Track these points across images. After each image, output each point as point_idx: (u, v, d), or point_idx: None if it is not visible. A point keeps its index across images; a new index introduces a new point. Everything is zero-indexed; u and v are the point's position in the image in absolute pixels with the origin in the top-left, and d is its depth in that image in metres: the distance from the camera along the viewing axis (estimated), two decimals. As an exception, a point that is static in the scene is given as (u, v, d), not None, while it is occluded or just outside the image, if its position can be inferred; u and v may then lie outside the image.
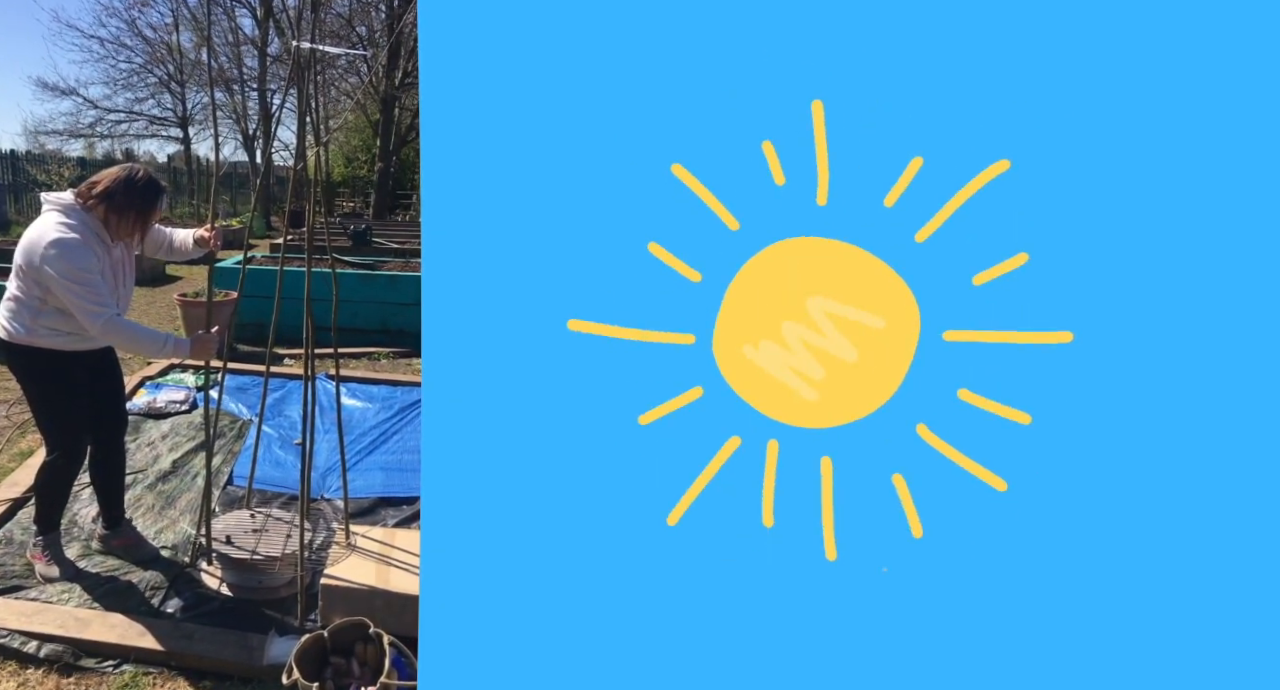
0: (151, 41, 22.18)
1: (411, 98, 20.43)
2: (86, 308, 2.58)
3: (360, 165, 26.67)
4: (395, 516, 3.59)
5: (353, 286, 6.97)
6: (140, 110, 23.86)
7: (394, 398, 5.03)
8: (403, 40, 18.01)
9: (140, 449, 4.15)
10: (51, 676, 2.48)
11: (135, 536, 3.18)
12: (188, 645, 2.58)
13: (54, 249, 2.54)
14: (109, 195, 2.67)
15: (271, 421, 4.53)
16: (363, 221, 14.63)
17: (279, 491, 3.75)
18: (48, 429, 2.87)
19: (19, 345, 2.72)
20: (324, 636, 2.35)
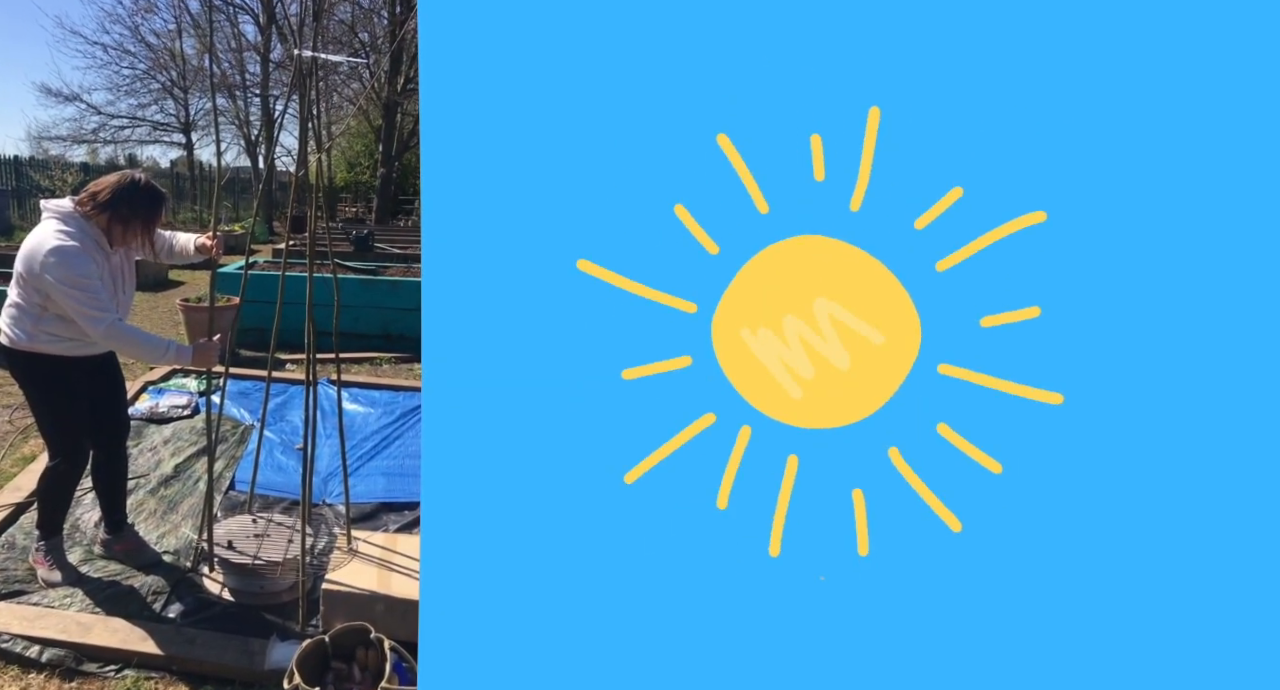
0: (155, 48, 22.24)
1: (413, 103, 20.45)
2: (87, 313, 2.59)
3: (363, 171, 26.70)
4: (397, 521, 3.60)
5: (354, 292, 6.98)
6: (143, 116, 23.92)
7: (395, 403, 5.03)
8: (405, 46, 18.03)
9: (142, 454, 4.16)
10: (53, 681, 2.49)
11: (137, 541, 3.19)
12: (189, 650, 2.59)
13: (53, 257, 2.56)
14: (111, 204, 2.68)
15: (273, 426, 4.53)
16: (365, 227, 14.65)
17: (281, 496, 3.76)
18: (49, 434, 2.88)
19: (21, 351, 2.73)
20: (325, 641, 2.36)
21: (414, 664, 2.25)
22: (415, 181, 28.95)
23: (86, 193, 2.73)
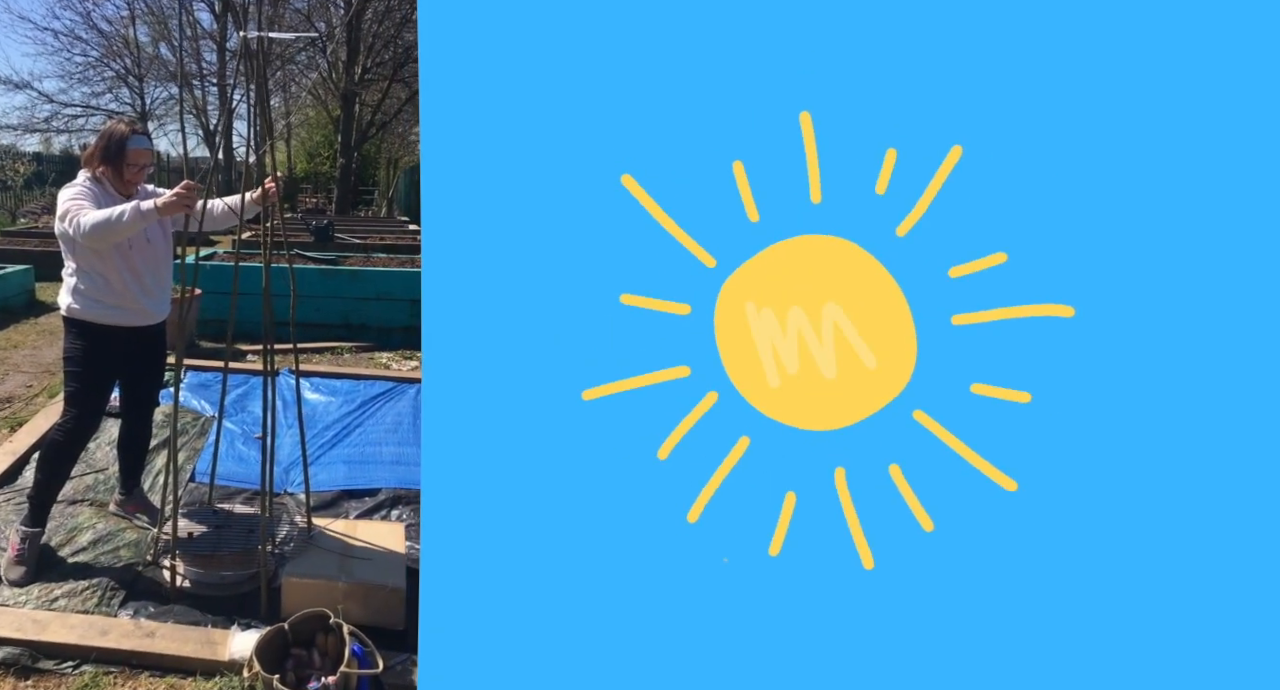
0: (108, 35, 21.75)
1: (371, 93, 20.25)
2: (78, 221, 2.64)
3: (322, 161, 26.42)
4: (357, 508, 3.59)
5: (315, 282, 6.92)
6: (97, 105, 23.38)
7: (356, 392, 5.01)
8: (361, 36, 17.84)
9: (100, 447, 4.11)
10: (8, 680, 2.46)
11: (146, 503, 3.41)
12: (149, 643, 2.56)
13: (58, 198, 2.78)
14: (102, 153, 2.84)
15: (234, 417, 4.49)
16: (325, 217, 14.51)
17: (242, 487, 3.73)
18: (71, 387, 2.95)
19: (72, 320, 2.90)
20: (285, 628, 2.35)
21: (373, 647, 2.26)
22: (374, 172, 28.71)
23: (85, 155, 2.93)
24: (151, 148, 2.95)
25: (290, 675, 2.24)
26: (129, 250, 2.85)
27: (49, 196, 16.97)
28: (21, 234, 11.72)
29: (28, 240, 10.74)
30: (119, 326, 2.91)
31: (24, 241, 10.59)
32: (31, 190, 18.96)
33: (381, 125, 21.38)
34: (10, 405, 4.85)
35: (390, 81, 19.52)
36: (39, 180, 19.72)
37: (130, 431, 3.33)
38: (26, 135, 23.04)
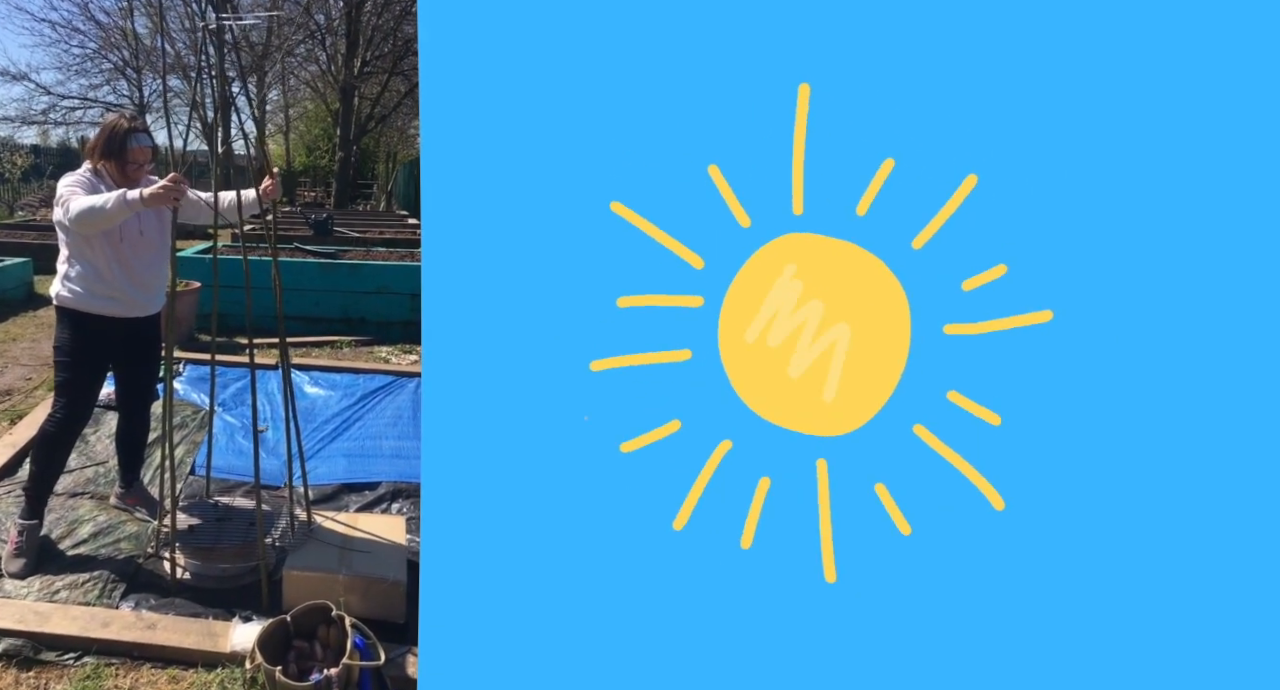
0: (105, 26, 21.68)
1: (370, 86, 20.23)
2: (68, 204, 2.68)
3: (321, 154, 26.38)
4: (358, 502, 3.60)
5: (314, 275, 6.93)
6: (95, 97, 23.31)
7: (356, 385, 5.01)
8: (360, 29, 17.82)
9: (100, 440, 4.12)
10: (10, 671, 2.46)
11: (146, 495, 3.41)
12: (151, 635, 2.57)
13: (58, 185, 2.79)
14: (103, 147, 2.86)
15: (236, 411, 4.50)
16: (324, 211, 14.50)
17: (244, 480, 3.74)
18: (61, 377, 2.95)
19: (63, 309, 2.91)
20: (287, 621, 2.36)
21: (375, 640, 2.27)
22: (373, 165, 28.68)
23: (88, 147, 2.95)
24: (153, 145, 2.97)
25: (293, 667, 2.25)
26: (119, 242, 2.85)
27: (47, 189, 16.98)
28: (19, 227, 11.73)
29: (25, 233, 10.74)
30: (109, 317, 2.91)
31: (22, 234, 10.59)
32: (29, 183, 18.92)
33: (381, 119, 21.39)
34: (9, 398, 4.85)
35: (389, 75, 19.51)
36: (36, 173, 19.69)
37: (128, 424, 3.35)
38: (24, 127, 23.00)
